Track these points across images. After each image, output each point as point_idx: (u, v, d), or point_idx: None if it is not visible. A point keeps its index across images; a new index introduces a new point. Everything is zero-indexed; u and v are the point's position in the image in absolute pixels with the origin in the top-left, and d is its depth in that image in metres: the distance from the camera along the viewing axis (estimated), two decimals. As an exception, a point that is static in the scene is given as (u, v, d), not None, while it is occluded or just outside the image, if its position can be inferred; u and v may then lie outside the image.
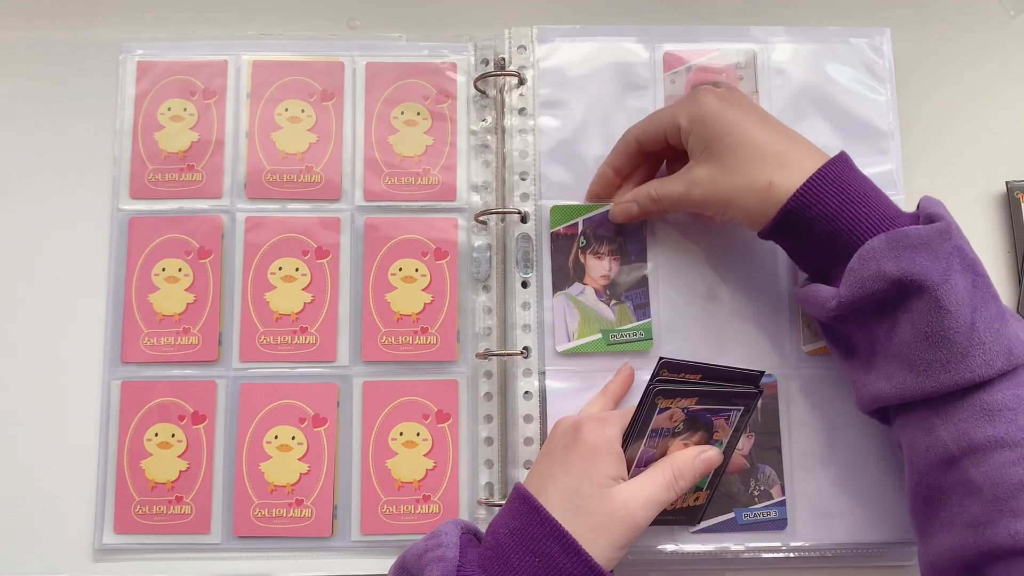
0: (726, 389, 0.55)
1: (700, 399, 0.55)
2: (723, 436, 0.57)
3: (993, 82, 0.71)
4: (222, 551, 0.64)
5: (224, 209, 0.67)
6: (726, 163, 0.56)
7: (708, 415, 0.56)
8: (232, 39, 0.70)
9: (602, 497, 0.52)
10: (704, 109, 0.57)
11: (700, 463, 0.55)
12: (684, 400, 0.54)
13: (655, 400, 0.54)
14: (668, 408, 0.54)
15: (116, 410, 0.65)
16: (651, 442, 0.55)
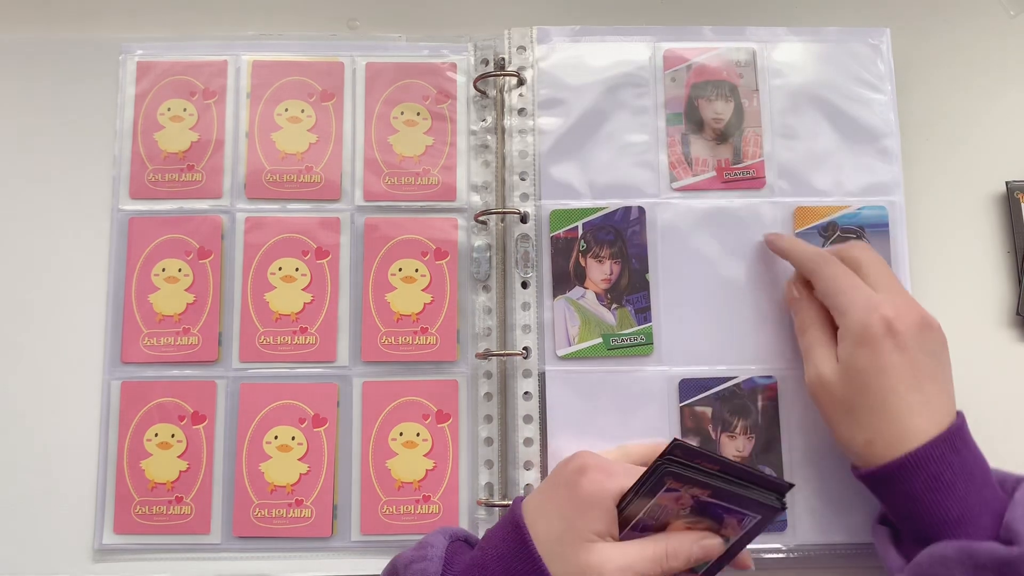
0: (746, 494, 0.52)
1: (715, 493, 0.51)
2: (731, 534, 0.54)
3: (993, 82, 0.71)
4: (222, 551, 0.64)
5: (224, 209, 0.67)
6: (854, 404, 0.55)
7: (720, 511, 0.52)
8: (232, 39, 0.70)
9: (580, 550, 0.50)
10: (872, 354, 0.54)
11: (699, 549, 0.52)
12: (697, 489, 0.51)
13: (663, 479, 0.50)
14: (678, 490, 0.51)
15: (116, 410, 0.65)
16: (652, 513, 0.52)
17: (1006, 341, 0.67)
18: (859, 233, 0.66)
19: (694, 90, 0.68)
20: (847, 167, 0.67)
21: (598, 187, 0.66)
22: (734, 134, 0.67)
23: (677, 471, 0.50)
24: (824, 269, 0.58)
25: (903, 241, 0.66)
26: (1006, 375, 0.67)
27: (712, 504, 0.52)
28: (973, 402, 0.66)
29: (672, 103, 0.67)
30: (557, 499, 0.53)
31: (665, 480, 0.50)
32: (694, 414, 0.63)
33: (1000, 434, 0.66)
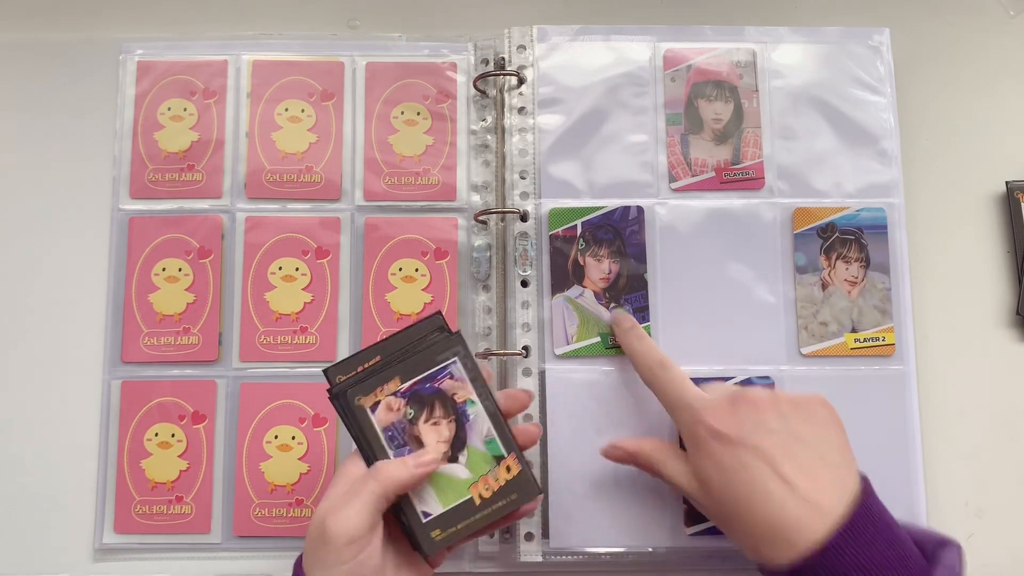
0: (417, 351, 0.52)
1: (401, 376, 0.51)
2: (466, 394, 0.53)
3: (993, 82, 0.71)
4: (222, 551, 0.64)
5: (224, 209, 0.67)
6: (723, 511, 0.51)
7: (428, 385, 0.52)
8: (232, 39, 0.70)
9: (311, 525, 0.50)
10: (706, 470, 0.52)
11: (411, 457, 0.51)
12: (388, 385, 0.51)
13: (353, 402, 0.50)
14: (377, 402, 0.51)
15: (116, 410, 0.65)
16: (395, 443, 0.52)
17: (1006, 341, 0.67)
18: (858, 234, 0.66)
19: (694, 90, 0.68)
20: (846, 169, 0.67)
21: (597, 186, 0.66)
22: (733, 135, 0.67)
23: (351, 387, 0.51)
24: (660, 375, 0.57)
25: (903, 243, 0.66)
26: (1006, 375, 0.67)
27: (417, 387, 0.52)
28: (973, 402, 0.66)
29: (672, 103, 0.67)
30: None
31: (356, 402, 0.51)
32: (693, 414, 0.63)
33: (1000, 434, 0.66)
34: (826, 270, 0.65)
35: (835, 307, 0.65)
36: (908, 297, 0.65)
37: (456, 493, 0.52)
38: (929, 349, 0.66)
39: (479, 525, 0.52)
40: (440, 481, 0.52)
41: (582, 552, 0.62)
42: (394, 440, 0.52)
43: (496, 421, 0.53)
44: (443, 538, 0.52)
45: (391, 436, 0.51)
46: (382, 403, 0.51)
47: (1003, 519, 0.65)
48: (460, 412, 0.53)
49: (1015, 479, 0.65)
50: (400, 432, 0.52)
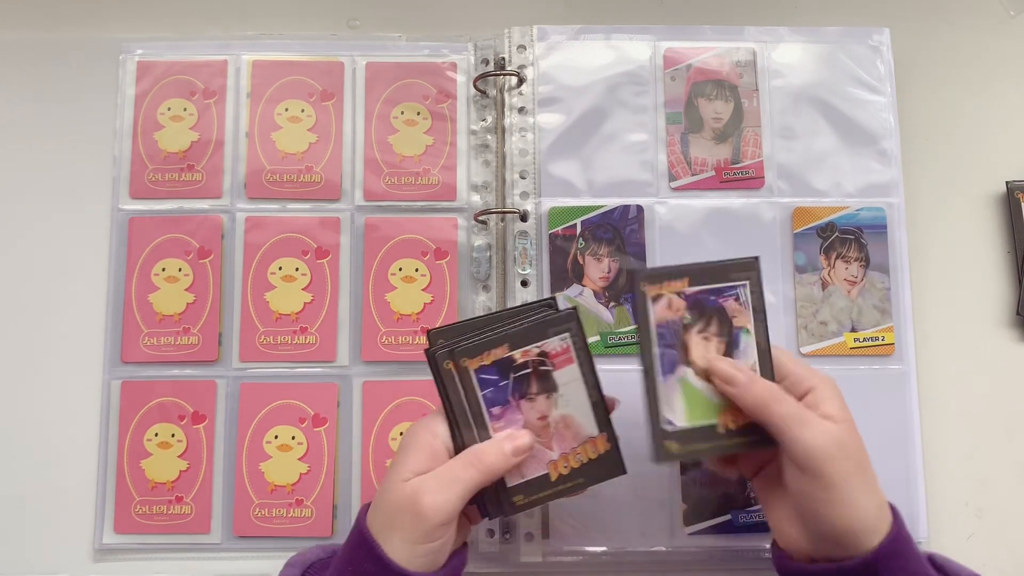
0: (714, 265, 0.52)
1: (692, 279, 0.51)
2: (745, 321, 0.52)
3: (993, 82, 0.71)
4: (222, 551, 0.64)
5: (224, 209, 0.67)
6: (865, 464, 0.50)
7: (712, 298, 0.52)
8: (232, 39, 0.70)
9: (390, 492, 0.49)
10: None
11: (508, 440, 0.51)
12: (675, 283, 0.51)
13: (642, 288, 0.50)
14: (660, 296, 0.51)
15: (116, 410, 0.65)
16: (664, 343, 0.51)
17: (1006, 341, 0.67)
18: (857, 234, 0.66)
19: (694, 89, 0.68)
20: (846, 168, 0.67)
21: (597, 185, 0.66)
22: (733, 134, 0.67)
23: (645, 272, 0.51)
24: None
25: (902, 242, 0.66)
26: (1006, 375, 0.67)
27: (700, 295, 0.52)
28: (973, 402, 0.66)
29: (672, 102, 0.67)
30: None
31: (644, 289, 0.51)
32: (694, 414, 0.63)
33: (1000, 434, 0.66)
34: (826, 269, 0.65)
35: (835, 306, 0.65)
36: (908, 297, 0.65)
37: (706, 412, 0.52)
38: (929, 349, 0.66)
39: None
40: (691, 392, 0.52)
41: (582, 552, 0.62)
42: (666, 340, 0.51)
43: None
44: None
45: (664, 337, 0.51)
46: (665, 297, 0.51)
47: (1003, 519, 0.65)
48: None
49: (1015, 479, 0.65)
50: (672, 335, 0.52)
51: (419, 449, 0.50)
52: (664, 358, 0.51)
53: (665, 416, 0.51)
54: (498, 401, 0.51)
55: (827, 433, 0.48)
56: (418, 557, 0.48)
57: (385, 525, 0.49)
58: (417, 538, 0.48)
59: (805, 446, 0.48)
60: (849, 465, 0.48)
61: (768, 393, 0.50)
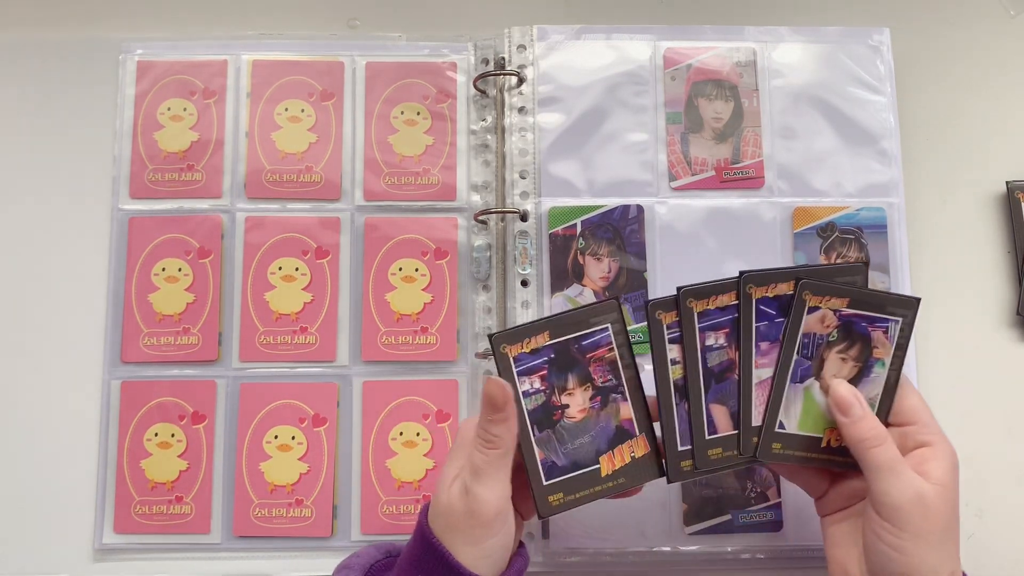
0: (878, 294, 0.52)
1: (852, 301, 0.52)
2: (884, 354, 0.52)
3: (993, 82, 0.71)
4: (222, 551, 0.64)
5: (224, 209, 0.67)
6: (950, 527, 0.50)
7: (863, 324, 0.52)
8: (232, 39, 0.70)
9: (443, 494, 0.49)
10: None
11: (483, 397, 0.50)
12: (835, 300, 0.51)
13: (804, 296, 0.51)
14: (818, 308, 0.51)
15: (116, 410, 0.65)
16: (804, 352, 0.52)
17: (1006, 341, 0.67)
18: (857, 234, 0.66)
19: (694, 89, 0.68)
20: (846, 168, 0.67)
21: (597, 185, 0.66)
22: (733, 134, 0.67)
23: (815, 283, 0.51)
24: (911, 389, 0.54)
25: (902, 242, 0.66)
26: (1006, 375, 0.67)
27: (855, 318, 0.52)
28: (973, 402, 0.66)
29: (672, 102, 0.67)
30: None
31: (805, 298, 0.51)
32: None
33: (1000, 434, 0.66)
34: (826, 270, 0.65)
35: (835, 307, 0.65)
36: (908, 297, 0.65)
37: (816, 424, 0.53)
38: (929, 349, 0.66)
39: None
40: (810, 403, 0.53)
41: (582, 552, 0.62)
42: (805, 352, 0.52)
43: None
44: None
45: (806, 347, 0.52)
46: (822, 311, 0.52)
47: (1003, 519, 0.65)
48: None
49: (1015, 479, 0.65)
50: (813, 347, 0.52)
51: (460, 447, 0.50)
52: (798, 366, 0.52)
53: (780, 419, 0.52)
54: (769, 337, 0.52)
55: (914, 489, 0.48)
56: (482, 558, 0.48)
57: (446, 529, 0.49)
58: (477, 537, 0.48)
59: (889, 496, 0.48)
60: (929, 527, 0.48)
61: (872, 434, 0.50)
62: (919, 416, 0.52)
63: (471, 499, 0.48)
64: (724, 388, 0.52)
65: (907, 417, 0.52)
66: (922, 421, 0.52)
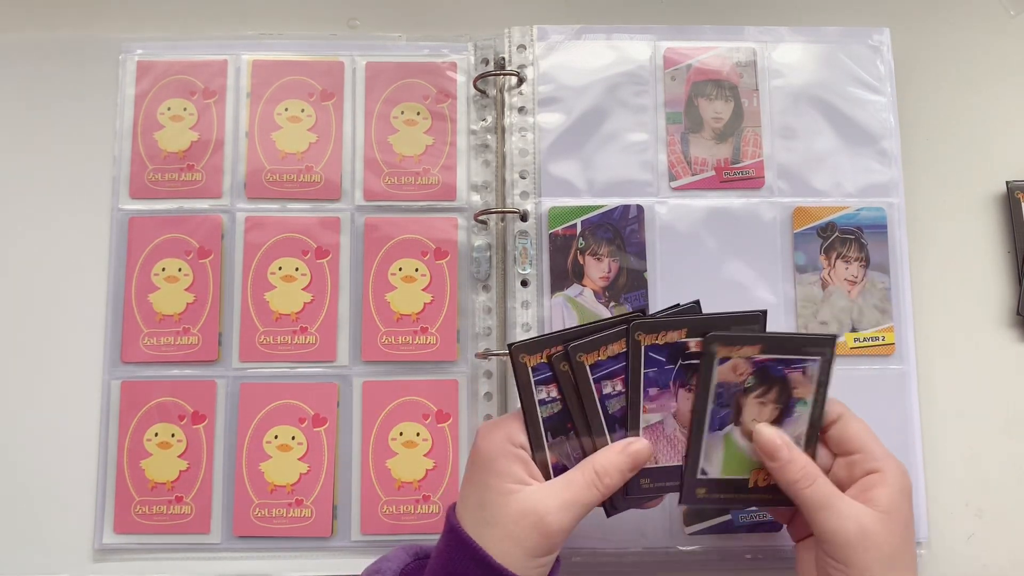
0: (792, 337, 0.52)
1: (765, 347, 0.51)
2: (805, 393, 0.52)
3: (993, 82, 0.71)
4: (222, 551, 0.64)
5: (224, 209, 0.67)
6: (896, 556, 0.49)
7: (780, 368, 0.52)
8: (232, 39, 0.70)
9: (506, 505, 0.49)
10: None
11: (626, 458, 0.50)
12: (746, 348, 0.51)
13: (712, 349, 0.51)
14: (729, 359, 0.51)
15: (116, 410, 0.65)
16: (719, 402, 0.52)
17: (1006, 341, 0.67)
18: (857, 234, 0.66)
19: (694, 89, 0.68)
20: (846, 168, 0.67)
21: (597, 185, 0.66)
22: (733, 134, 0.67)
23: (723, 334, 0.51)
24: (853, 417, 0.54)
25: (902, 242, 0.66)
26: (1006, 375, 0.67)
27: (771, 363, 0.52)
28: (973, 402, 0.66)
29: (672, 102, 0.67)
30: (469, 479, 0.52)
31: (715, 351, 0.51)
32: (694, 414, 0.63)
33: (1000, 434, 0.66)
34: (826, 269, 0.65)
35: (835, 306, 0.65)
36: (908, 297, 0.65)
37: (740, 467, 0.53)
38: (929, 349, 0.66)
39: (737, 505, 0.54)
40: (731, 449, 0.53)
41: (582, 552, 0.62)
42: (720, 400, 0.52)
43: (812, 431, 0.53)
44: (705, 499, 0.53)
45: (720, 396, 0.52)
46: (733, 361, 0.51)
47: (1003, 519, 0.65)
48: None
49: (1015, 479, 0.65)
50: (728, 395, 0.52)
51: (509, 459, 0.50)
52: (715, 415, 0.52)
53: (702, 466, 0.53)
54: (659, 383, 0.52)
55: (855, 522, 0.48)
56: (536, 568, 0.49)
57: (505, 538, 0.48)
58: (541, 551, 0.49)
59: (830, 533, 0.49)
60: (874, 556, 0.48)
61: (803, 474, 0.50)
62: (864, 444, 0.52)
63: (548, 524, 0.48)
64: None
65: (852, 446, 0.52)
66: (867, 448, 0.52)
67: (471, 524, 0.49)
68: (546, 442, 0.52)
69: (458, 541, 0.49)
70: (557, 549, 0.50)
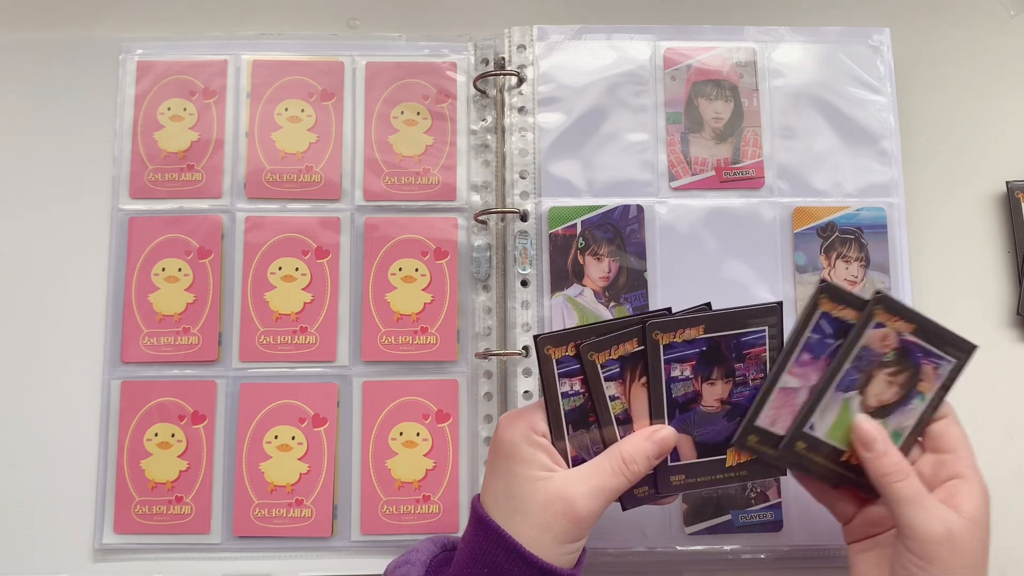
0: (945, 330, 0.52)
1: (919, 330, 0.52)
2: (928, 389, 0.52)
3: (993, 82, 0.71)
4: (222, 551, 0.64)
5: (224, 209, 0.67)
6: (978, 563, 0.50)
7: (920, 356, 0.52)
8: (232, 39, 0.70)
9: (534, 492, 0.49)
10: None
11: (653, 445, 0.51)
12: (903, 323, 0.51)
13: (872, 311, 0.51)
14: (883, 326, 0.51)
15: (116, 410, 0.65)
16: (856, 364, 0.52)
17: (1006, 341, 0.67)
18: (857, 234, 0.66)
19: (694, 89, 0.68)
20: (846, 168, 0.67)
21: (597, 185, 0.66)
22: (733, 134, 0.67)
23: (890, 300, 0.51)
24: (957, 420, 0.53)
25: (903, 242, 0.66)
26: (1006, 375, 0.67)
27: (914, 346, 0.52)
28: (973, 402, 0.66)
29: (672, 102, 0.67)
30: (492, 465, 0.52)
31: (875, 313, 0.51)
32: (694, 414, 0.63)
33: (1000, 434, 0.66)
34: (826, 269, 0.65)
35: (835, 306, 0.65)
36: (908, 297, 0.65)
37: (844, 437, 0.53)
38: (929, 349, 0.66)
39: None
40: (845, 415, 0.53)
41: (582, 552, 0.62)
42: (857, 364, 0.52)
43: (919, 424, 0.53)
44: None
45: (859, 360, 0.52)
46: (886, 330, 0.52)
47: (1003, 519, 0.65)
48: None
49: (1015, 479, 0.65)
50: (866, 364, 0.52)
51: (534, 448, 0.50)
52: (848, 375, 0.52)
53: (812, 420, 0.52)
54: (815, 352, 0.52)
55: (943, 523, 0.48)
56: (567, 555, 0.49)
57: (536, 527, 0.49)
58: (571, 538, 0.49)
59: (917, 530, 0.48)
60: (958, 561, 0.48)
61: (895, 468, 0.50)
62: (959, 447, 0.52)
63: (577, 510, 0.48)
64: (688, 418, 0.53)
65: (947, 445, 0.52)
66: (960, 452, 0.51)
67: (498, 513, 0.50)
68: (567, 433, 0.52)
69: (486, 530, 0.49)
70: (585, 535, 0.50)
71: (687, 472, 0.53)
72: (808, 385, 0.53)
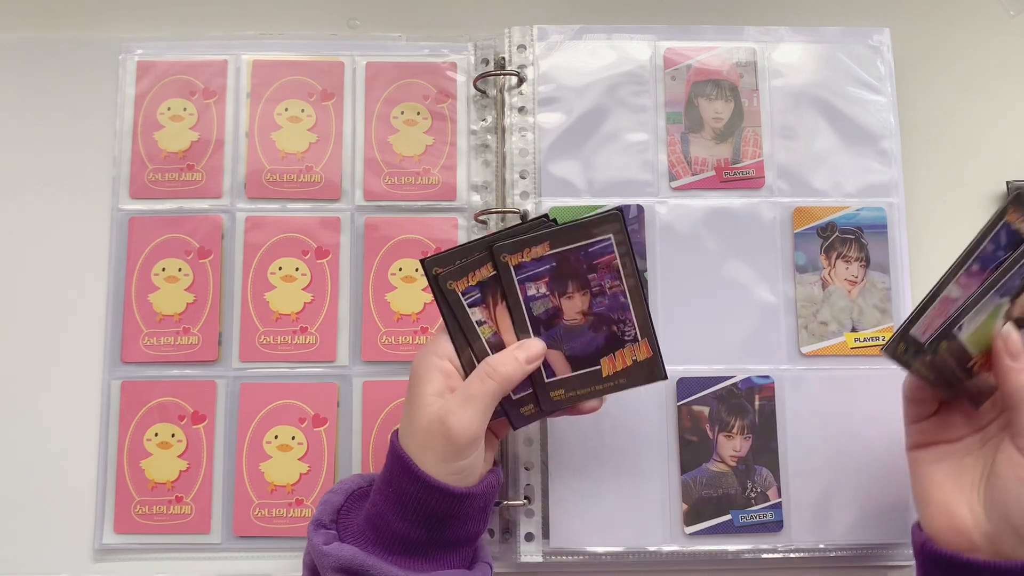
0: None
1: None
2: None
3: (993, 82, 0.71)
4: (222, 551, 0.64)
5: (224, 209, 0.67)
6: None
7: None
8: (232, 39, 0.70)
9: (421, 416, 0.51)
10: None
11: (520, 350, 0.53)
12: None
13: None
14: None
15: (116, 410, 0.65)
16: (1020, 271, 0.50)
17: (1006, 341, 0.67)
18: (857, 234, 0.66)
19: (694, 89, 0.68)
20: (846, 168, 0.67)
21: (598, 185, 0.66)
22: (734, 134, 0.67)
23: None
24: None
25: (902, 242, 0.66)
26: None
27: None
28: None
29: (672, 102, 0.67)
30: (405, 399, 0.54)
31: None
32: (691, 413, 0.63)
33: (1000, 434, 0.66)
34: (826, 269, 0.65)
35: (835, 306, 0.65)
36: (908, 297, 0.65)
37: (980, 343, 0.52)
38: (929, 349, 0.66)
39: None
40: (991, 320, 0.52)
41: (582, 552, 0.62)
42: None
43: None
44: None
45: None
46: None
47: (1003, 519, 0.65)
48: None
49: (1015, 479, 0.65)
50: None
51: (431, 372, 0.53)
52: (1009, 282, 0.51)
53: (963, 321, 0.51)
54: (983, 262, 0.52)
55: None
56: (452, 474, 0.51)
57: (419, 447, 0.51)
58: (449, 456, 0.50)
59: None
60: None
61: None
62: None
63: (449, 426, 0.50)
64: (554, 334, 0.54)
65: None
66: None
67: (402, 437, 0.52)
68: (471, 346, 0.54)
69: (392, 453, 0.52)
70: (468, 455, 0.51)
71: (565, 386, 0.54)
72: (968, 292, 0.52)
